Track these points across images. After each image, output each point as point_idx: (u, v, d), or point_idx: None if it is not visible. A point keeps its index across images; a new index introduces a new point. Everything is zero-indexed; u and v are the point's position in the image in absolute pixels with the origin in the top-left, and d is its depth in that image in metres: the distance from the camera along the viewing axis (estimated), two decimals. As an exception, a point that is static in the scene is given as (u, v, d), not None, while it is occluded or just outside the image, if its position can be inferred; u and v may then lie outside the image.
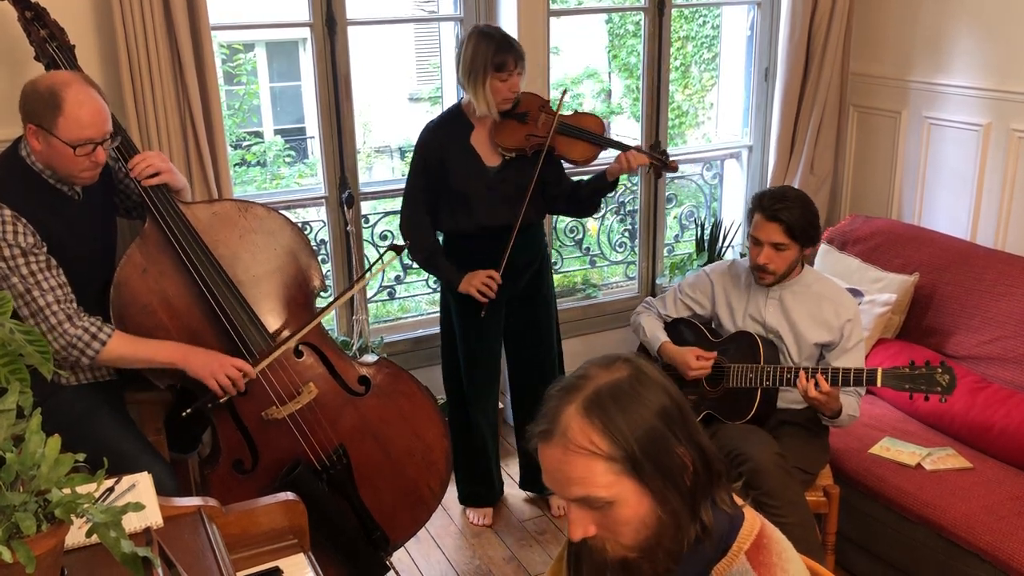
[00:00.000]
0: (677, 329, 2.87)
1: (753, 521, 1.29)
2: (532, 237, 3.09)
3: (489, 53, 2.79)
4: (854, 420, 2.64)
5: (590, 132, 2.94)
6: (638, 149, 2.93)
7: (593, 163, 3.01)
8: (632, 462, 1.18)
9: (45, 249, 2.25)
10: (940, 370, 2.41)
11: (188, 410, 2.40)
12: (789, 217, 2.56)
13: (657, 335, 2.84)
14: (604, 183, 2.99)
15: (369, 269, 2.76)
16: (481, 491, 3.32)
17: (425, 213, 2.99)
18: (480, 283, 2.93)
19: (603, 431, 1.18)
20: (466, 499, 3.34)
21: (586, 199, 3.07)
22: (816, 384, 2.47)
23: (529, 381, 3.26)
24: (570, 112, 3.00)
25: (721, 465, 1.27)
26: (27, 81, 2.27)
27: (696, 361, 2.70)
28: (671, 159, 3.00)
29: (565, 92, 2.97)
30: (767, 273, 2.64)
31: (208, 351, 2.39)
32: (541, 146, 2.89)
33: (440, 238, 3.10)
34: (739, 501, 1.32)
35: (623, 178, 4.31)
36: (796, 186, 3.91)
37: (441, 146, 2.95)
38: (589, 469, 1.18)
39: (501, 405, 3.63)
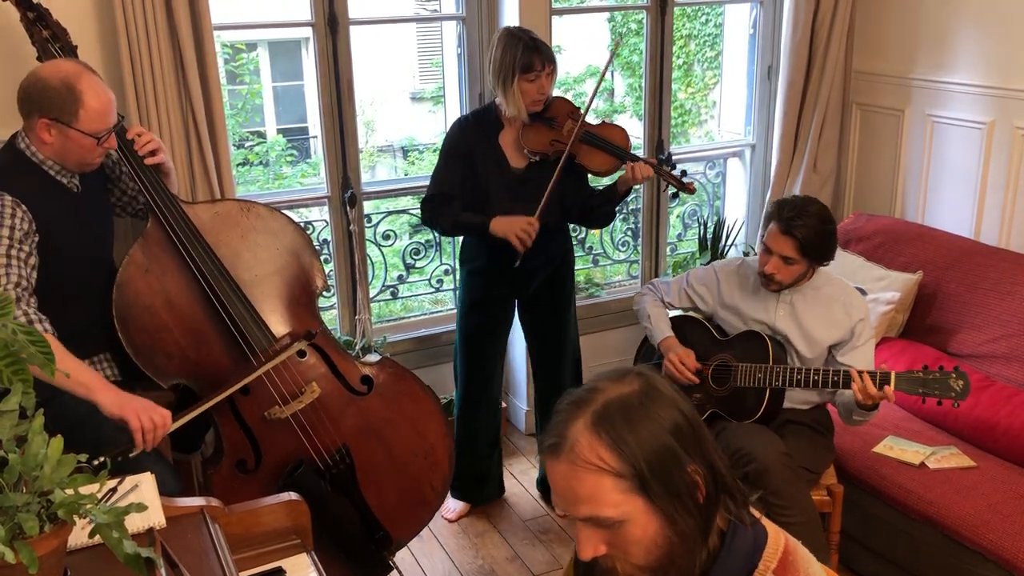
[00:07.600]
0: (684, 327, 2.87)
1: (777, 538, 1.25)
2: (548, 241, 3.05)
3: (517, 54, 2.80)
4: (876, 412, 2.62)
5: (612, 144, 2.93)
6: (654, 165, 2.88)
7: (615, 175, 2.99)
8: (640, 480, 1.15)
9: (36, 241, 2.23)
10: (954, 375, 2.39)
11: (101, 458, 1.72)
12: (803, 234, 2.52)
13: (663, 328, 2.83)
14: (613, 192, 2.98)
15: (278, 355, 2.43)
16: (464, 485, 3.34)
17: (447, 191, 2.95)
18: (520, 229, 2.85)
19: (611, 447, 1.15)
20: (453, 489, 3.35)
21: (597, 207, 3.03)
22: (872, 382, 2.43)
23: (550, 384, 3.27)
24: (598, 122, 2.99)
25: (733, 481, 1.23)
26: (28, 74, 2.26)
27: (680, 362, 2.71)
28: (689, 181, 2.96)
29: (618, 43, 2.94)
30: (773, 282, 2.64)
31: (132, 396, 2.17)
32: (562, 152, 2.89)
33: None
34: (756, 514, 1.27)
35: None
36: (799, 184, 3.91)
37: (470, 142, 2.97)
38: (597, 486, 1.15)
39: (504, 405, 3.63)
